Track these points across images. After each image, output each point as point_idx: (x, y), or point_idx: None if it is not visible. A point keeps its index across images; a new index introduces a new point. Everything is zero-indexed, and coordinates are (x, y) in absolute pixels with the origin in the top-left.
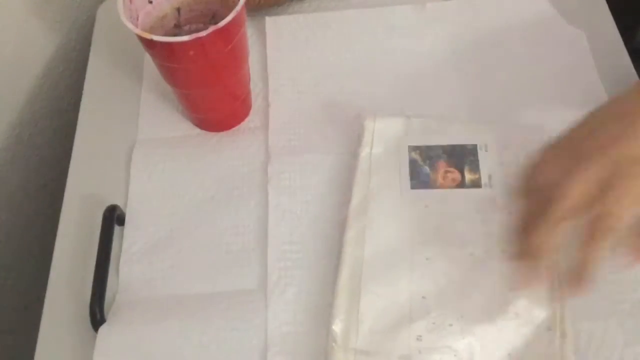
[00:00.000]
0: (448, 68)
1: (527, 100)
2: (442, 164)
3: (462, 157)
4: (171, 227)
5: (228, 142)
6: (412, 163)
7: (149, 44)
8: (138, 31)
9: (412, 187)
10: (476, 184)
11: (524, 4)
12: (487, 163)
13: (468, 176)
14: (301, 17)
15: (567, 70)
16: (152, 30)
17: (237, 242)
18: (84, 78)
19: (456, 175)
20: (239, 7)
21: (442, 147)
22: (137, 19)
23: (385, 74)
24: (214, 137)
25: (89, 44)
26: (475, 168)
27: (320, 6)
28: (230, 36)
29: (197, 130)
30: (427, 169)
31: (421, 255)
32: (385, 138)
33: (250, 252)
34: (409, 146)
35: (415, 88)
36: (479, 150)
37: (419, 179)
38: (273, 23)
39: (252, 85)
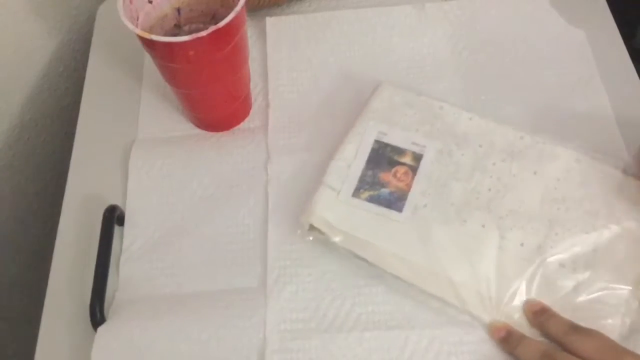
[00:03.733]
0: (448, 68)
1: (527, 100)
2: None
3: None
4: (170, 225)
5: (228, 141)
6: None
7: (149, 44)
8: (138, 31)
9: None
10: None
11: (523, 4)
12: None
13: None
14: (301, 18)
15: (567, 70)
16: (152, 30)
17: (236, 240)
18: (84, 78)
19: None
20: (239, 7)
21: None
22: (137, 19)
23: (384, 74)
24: (213, 137)
25: (89, 44)
26: None
27: (320, 6)
28: (231, 36)
29: (197, 130)
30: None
31: None
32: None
33: (249, 251)
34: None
35: (414, 88)
36: None
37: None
38: (273, 24)
39: (252, 85)
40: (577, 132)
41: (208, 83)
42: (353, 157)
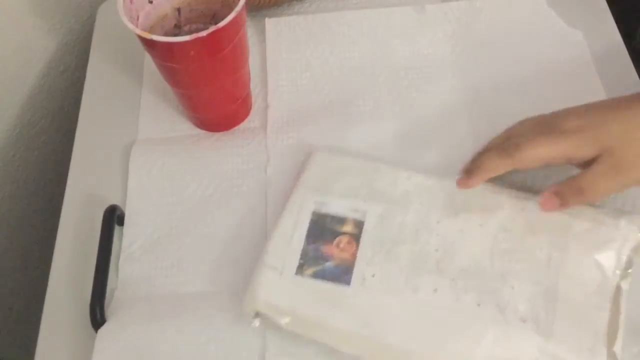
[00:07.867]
0: (448, 69)
1: (526, 100)
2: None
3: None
4: (170, 225)
5: (228, 141)
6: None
7: (149, 44)
8: (138, 31)
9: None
10: None
11: (523, 4)
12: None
13: None
14: (301, 18)
15: (567, 70)
16: (152, 30)
17: (236, 240)
18: (84, 78)
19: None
20: (239, 8)
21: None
22: (137, 19)
23: (384, 75)
24: (213, 137)
25: (89, 44)
26: None
27: (320, 7)
28: (231, 36)
29: (197, 130)
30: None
31: None
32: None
33: (249, 251)
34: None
35: (414, 89)
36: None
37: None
38: (273, 24)
39: (252, 86)
40: None
41: (208, 83)
42: (291, 233)
